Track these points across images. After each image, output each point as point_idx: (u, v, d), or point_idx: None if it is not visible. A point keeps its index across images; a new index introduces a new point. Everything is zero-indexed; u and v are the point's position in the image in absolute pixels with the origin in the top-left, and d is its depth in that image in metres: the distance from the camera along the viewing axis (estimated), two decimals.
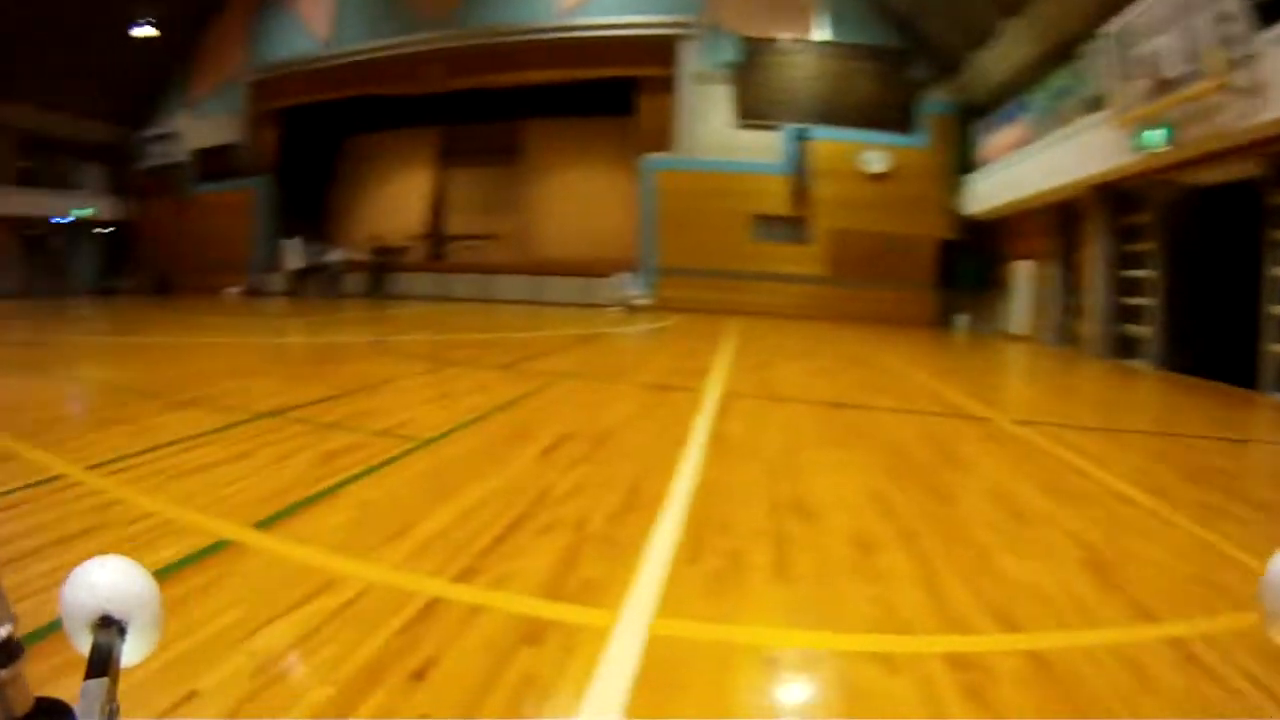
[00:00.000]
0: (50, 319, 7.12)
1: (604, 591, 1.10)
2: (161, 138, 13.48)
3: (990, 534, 1.42)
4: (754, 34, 8.85)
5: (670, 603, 1.07)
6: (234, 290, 11.62)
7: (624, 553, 1.25)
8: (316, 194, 12.72)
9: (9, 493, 1.53)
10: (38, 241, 13.23)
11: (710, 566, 1.21)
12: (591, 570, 1.18)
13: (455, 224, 11.79)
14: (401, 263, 11.15)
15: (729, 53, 8.89)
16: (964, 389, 3.48)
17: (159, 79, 13.70)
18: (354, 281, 10.97)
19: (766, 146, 8.60)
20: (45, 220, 12.84)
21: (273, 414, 2.39)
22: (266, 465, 1.81)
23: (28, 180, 12.45)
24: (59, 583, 0.37)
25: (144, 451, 1.90)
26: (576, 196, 10.71)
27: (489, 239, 11.13)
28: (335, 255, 10.99)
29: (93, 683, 0.34)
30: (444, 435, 2.19)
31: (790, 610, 1.08)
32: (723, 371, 3.78)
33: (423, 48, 10.35)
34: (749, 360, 4.37)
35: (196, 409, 2.47)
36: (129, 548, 1.20)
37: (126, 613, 0.38)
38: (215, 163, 12.58)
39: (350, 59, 10.99)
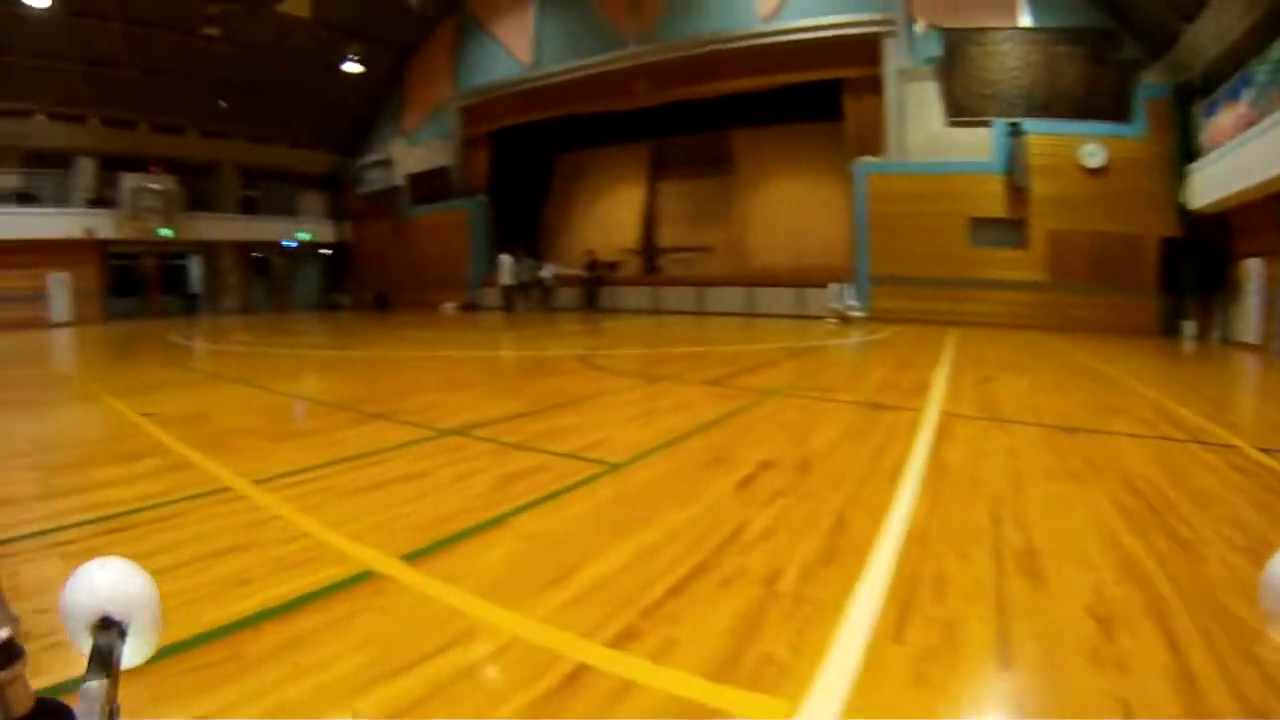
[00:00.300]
0: (270, 332, 9.74)
1: (786, 674, 1.04)
2: (377, 164, 18.37)
3: (1249, 606, 1.27)
4: (957, 25, 10.43)
5: (866, 693, 0.99)
6: (451, 306, 16.12)
7: (817, 620, 1.22)
8: (529, 212, 16.90)
9: (169, 503, 1.74)
10: (263, 263, 19.24)
11: (919, 643, 1.14)
12: (775, 642, 1.13)
13: (667, 236, 15.27)
14: (614, 277, 14.78)
15: (933, 47, 10.68)
16: (1200, 408, 3.51)
17: (371, 110, 18.65)
18: (568, 296, 14.66)
19: (978, 144, 10.39)
20: (269, 244, 18.72)
21: (459, 431, 2.62)
22: (437, 488, 2.00)
23: (251, 208, 18.29)
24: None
25: (317, 467, 2.15)
26: (788, 205, 13.47)
27: (701, 251, 14.40)
28: (549, 271, 14.83)
29: (93, 684, 0.41)
30: (635, 459, 2.28)
31: (1011, 712, 1.02)
32: (940, 388, 3.92)
33: (625, 64, 13.55)
34: (968, 375, 4.61)
35: (384, 423, 2.71)
36: (267, 570, 1.37)
37: (127, 614, 0.46)
38: (429, 185, 17.19)
39: (554, 80, 14.55)
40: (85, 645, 0.48)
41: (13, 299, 13.54)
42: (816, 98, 12.01)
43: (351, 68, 16.65)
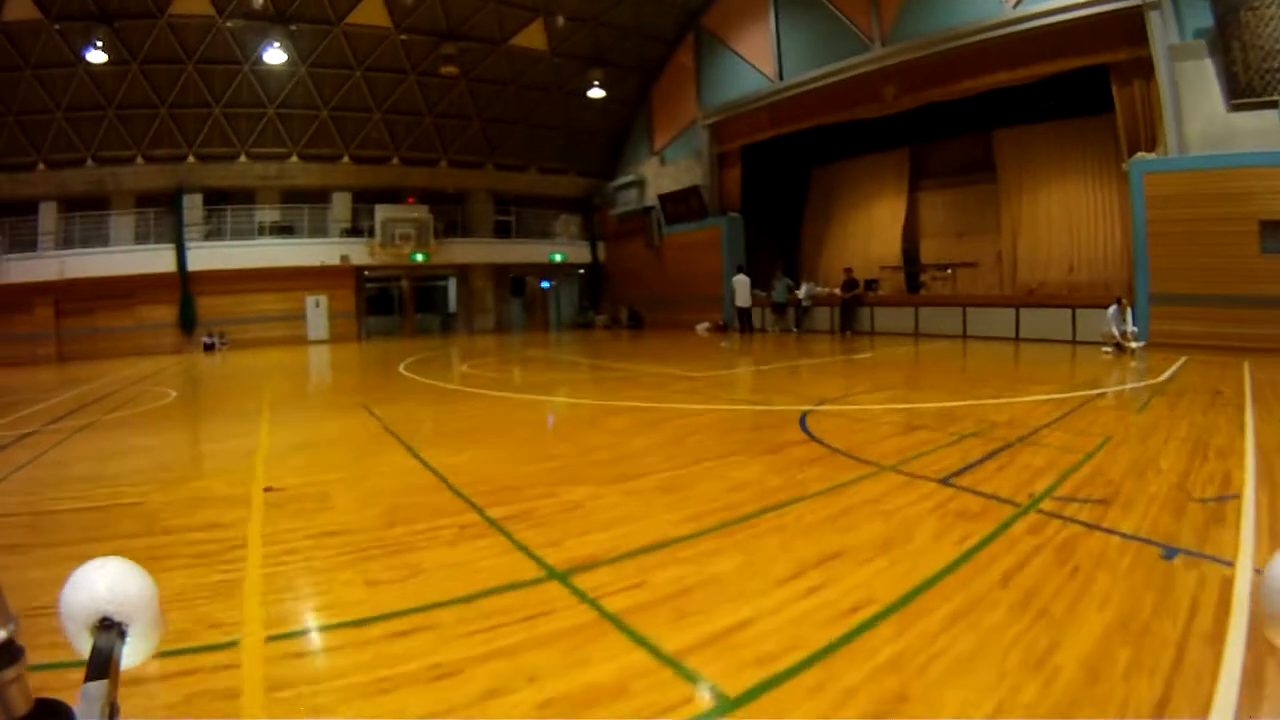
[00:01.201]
0: (523, 350, 20.40)
1: None
2: (629, 186, 29.81)
3: None
4: None
5: None
6: (704, 327, 26.11)
7: None
8: (786, 228, 26.66)
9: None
10: (519, 284, 33.47)
11: None
12: None
13: (929, 251, 23.13)
14: (873, 296, 22.50)
15: (1203, 16, 15.24)
16: None
17: (621, 133, 30.00)
18: (825, 316, 23.03)
19: (1267, 130, 14.56)
20: (525, 265, 32.50)
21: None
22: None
23: (505, 232, 31.87)
24: None
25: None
26: (1057, 212, 19.78)
27: (965, 267, 21.49)
28: (805, 290, 23.46)
29: (93, 685, 0.67)
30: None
31: None
32: (1255, 500, 4.27)
33: (871, 68, 21.45)
34: None
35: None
36: None
37: (127, 615, 0.76)
38: (681, 205, 27.91)
39: (799, 90, 23.16)
40: (85, 646, 0.83)
41: (274, 319, 28.91)
42: (1082, 88, 17.97)
43: (595, 94, 27.86)
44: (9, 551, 4.30)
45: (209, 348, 26.95)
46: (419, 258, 29.90)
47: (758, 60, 24.61)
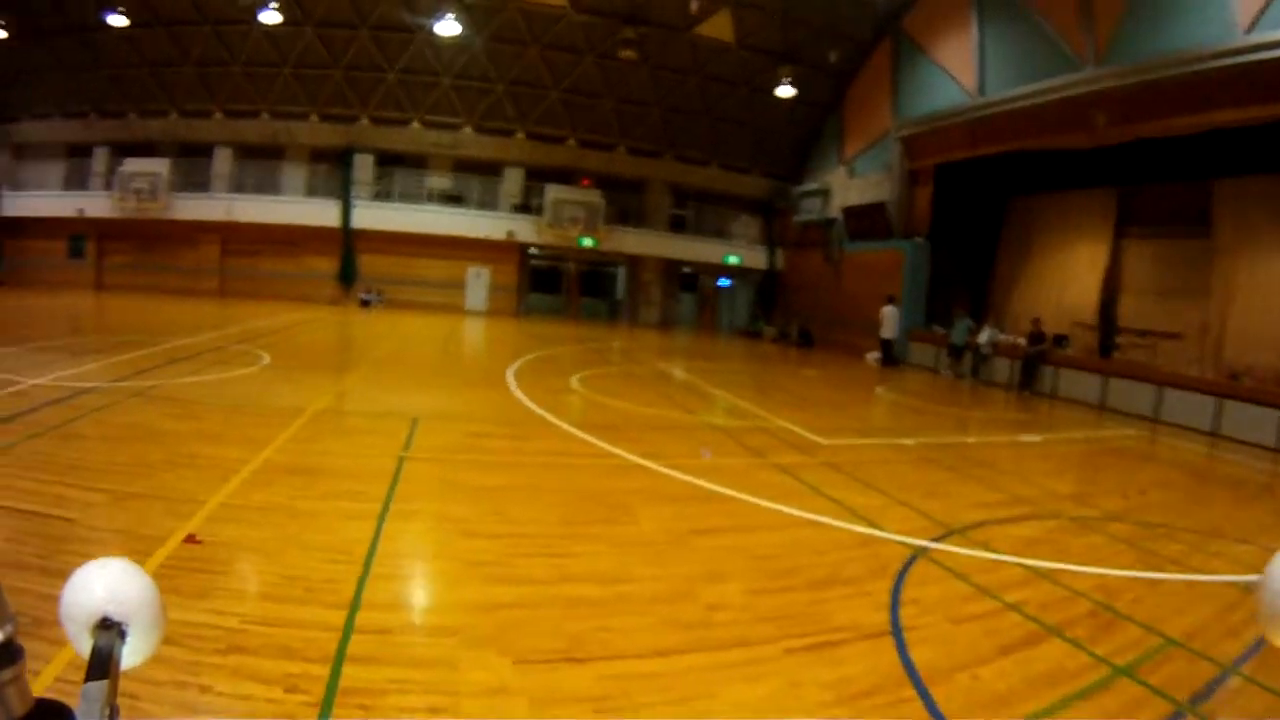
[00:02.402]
0: (667, 356, 22.07)
1: None
2: (814, 194, 31.51)
3: None
4: None
5: None
6: (873, 357, 26.90)
7: None
8: (976, 263, 27.11)
9: None
10: (690, 281, 36.35)
11: None
12: None
13: (1126, 310, 22.84)
14: (1060, 354, 22.41)
15: None
16: None
17: (811, 137, 31.64)
18: (1004, 367, 23.33)
19: None
20: (698, 263, 34.97)
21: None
22: None
23: (681, 226, 34.45)
24: None
25: None
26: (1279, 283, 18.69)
27: (1167, 337, 21.08)
28: (986, 336, 23.69)
29: (93, 685, 0.80)
30: None
31: None
32: None
33: (1080, 90, 21.71)
34: None
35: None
36: None
37: (127, 615, 0.92)
38: (865, 221, 29.08)
39: (1001, 109, 23.93)
40: (85, 646, 0.91)
41: (434, 284, 32.80)
42: None
43: (784, 92, 29.80)
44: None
45: (365, 303, 31.82)
46: (586, 242, 32.68)
47: (958, 71, 25.36)
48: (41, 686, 3.40)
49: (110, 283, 36.02)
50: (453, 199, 33.07)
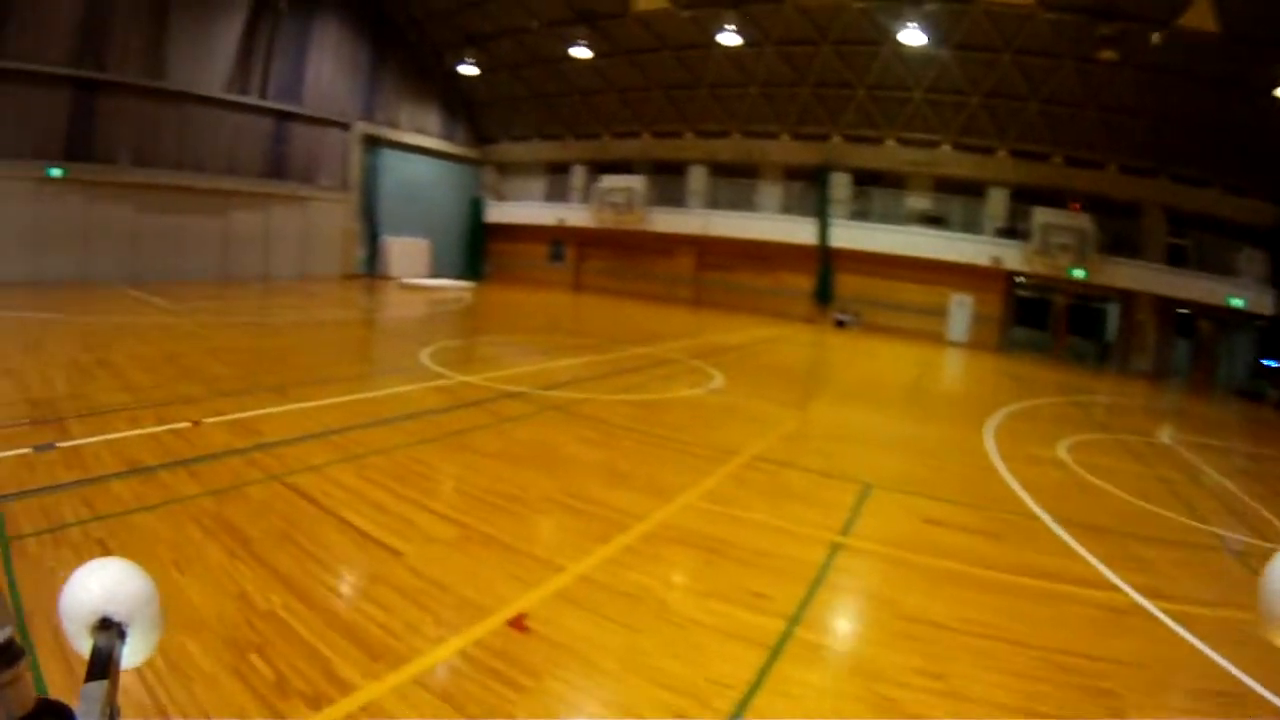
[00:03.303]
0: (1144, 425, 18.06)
1: None
2: None
3: None
4: None
5: None
6: None
7: None
8: None
9: None
10: (1187, 323, 31.43)
11: None
12: None
13: None
14: None
15: None
16: None
17: None
18: None
19: None
20: (1196, 303, 30.05)
21: None
22: None
23: (1179, 259, 31.02)
24: None
25: None
26: None
27: None
28: None
29: (93, 685, 0.96)
30: None
31: None
32: None
33: None
34: None
35: None
36: None
37: (126, 615, 1.10)
38: None
39: None
40: (85, 646, 1.00)
41: (913, 310, 34.44)
42: None
43: None
44: None
45: (840, 324, 34.62)
46: (1077, 273, 30.61)
47: None
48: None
49: (587, 284, 43.89)
50: (933, 220, 33.65)
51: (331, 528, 6.89)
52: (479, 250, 47.35)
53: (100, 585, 1.18)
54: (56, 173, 29.78)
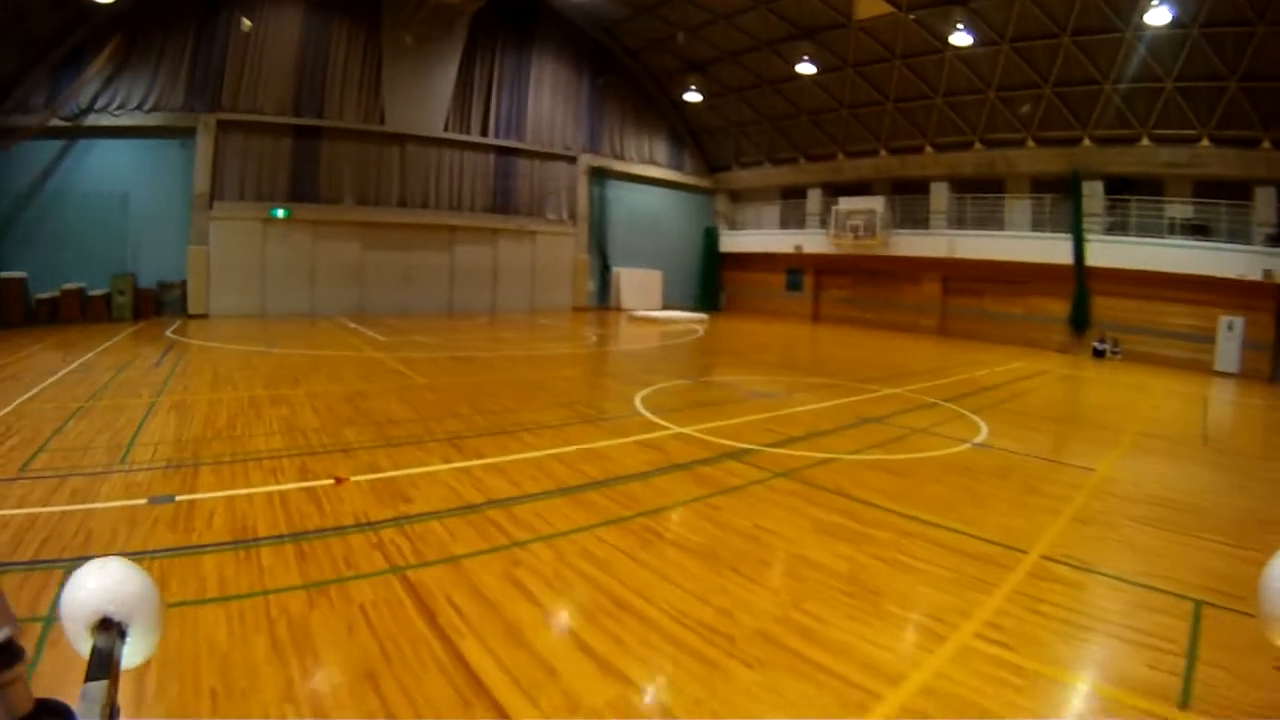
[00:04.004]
0: None
1: None
2: None
3: None
4: None
5: None
6: None
7: None
8: None
9: None
10: None
11: None
12: None
13: None
14: None
15: None
16: None
17: None
18: None
19: None
20: None
21: None
22: None
23: None
24: None
25: None
26: None
27: None
28: None
29: (93, 685, 1.11)
30: None
31: None
32: None
33: None
34: None
35: None
36: None
37: (127, 615, 1.26)
38: None
39: None
40: (85, 646, 1.14)
41: (1176, 335, 30.73)
42: None
43: None
44: None
45: (1098, 354, 31.49)
46: None
47: None
48: None
49: (826, 314, 43.71)
50: (1195, 229, 29.86)
51: (433, 665, 5.22)
52: (713, 280, 48.39)
53: (100, 585, 1.25)
54: (281, 213, 33.36)
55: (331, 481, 9.27)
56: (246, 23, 30.40)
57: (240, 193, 32.44)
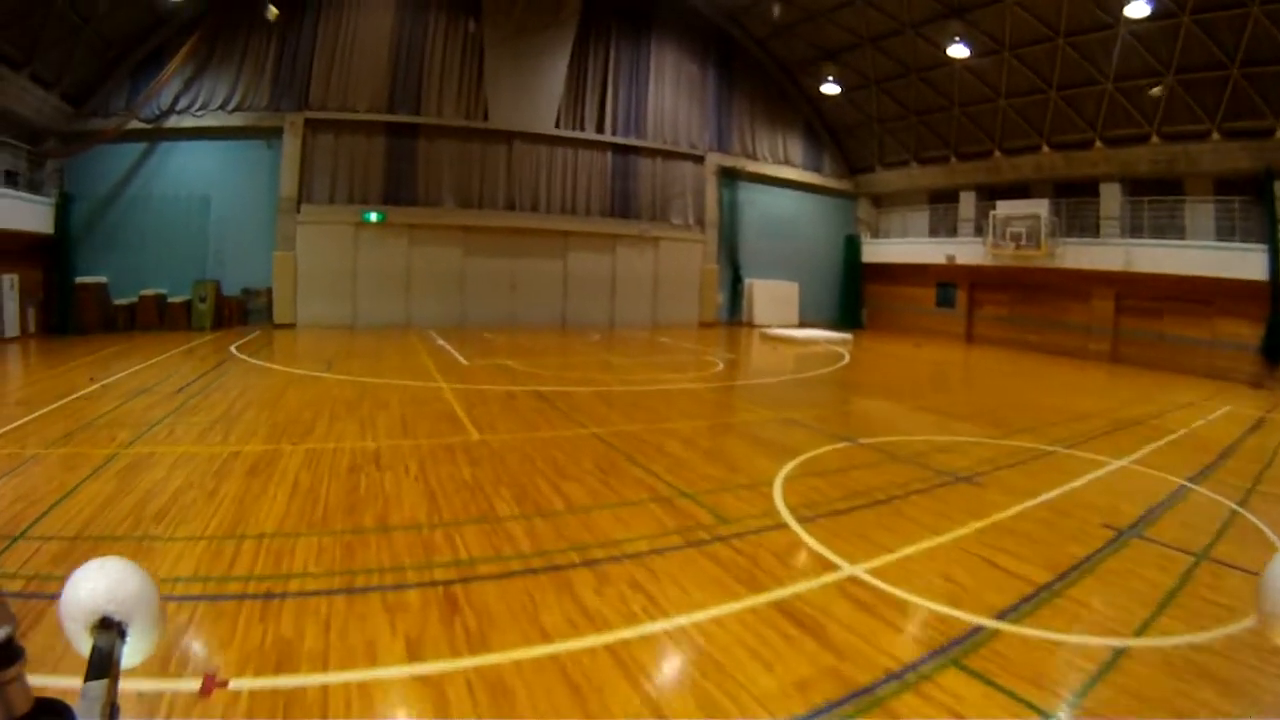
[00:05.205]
0: None
1: None
2: None
3: None
4: None
5: None
6: None
7: None
8: None
9: None
10: None
11: None
12: None
13: None
14: None
15: None
16: None
17: None
18: None
19: None
20: None
21: None
22: None
23: None
24: None
25: None
26: None
27: None
28: None
29: (93, 684, 1.21)
30: None
31: None
32: None
33: None
34: None
35: None
36: None
37: (126, 614, 1.32)
38: None
39: None
40: (85, 646, 1.20)
41: None
42: None
43: None
44: None
45: None
46: None
47: None
48: None
49: (982, 334, 39.71)
50: None
51: None
52: (855, 294, 45.29)
53: (100, 585, 1.25)
54: (374, 217, 32.09)
55: (198, 685, 4.92)
56: (273, 10, 29.04)
57: (330, 195, 31.69)
